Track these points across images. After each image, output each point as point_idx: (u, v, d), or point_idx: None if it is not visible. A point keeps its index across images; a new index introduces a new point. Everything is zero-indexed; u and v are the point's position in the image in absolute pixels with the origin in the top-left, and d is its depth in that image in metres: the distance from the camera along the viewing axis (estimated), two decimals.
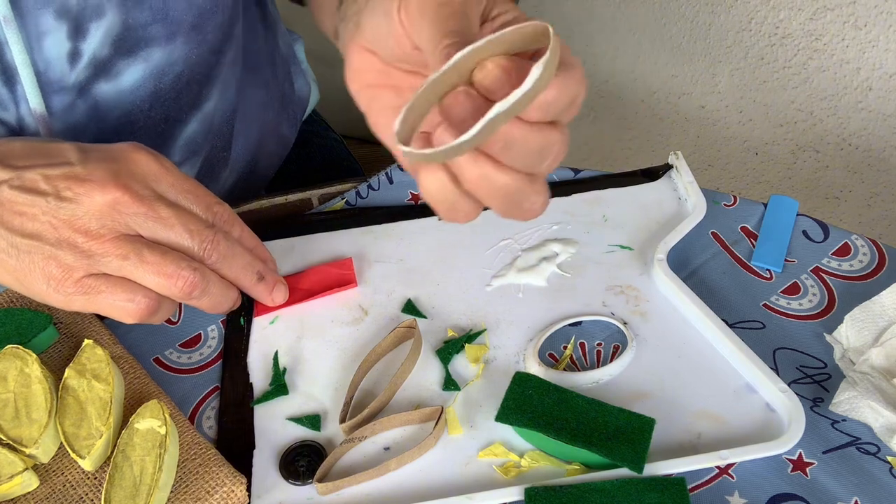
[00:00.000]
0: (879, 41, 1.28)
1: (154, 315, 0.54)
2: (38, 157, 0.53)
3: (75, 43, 0.61)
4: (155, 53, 0.65)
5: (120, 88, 0.65)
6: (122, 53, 0.64)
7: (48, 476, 0.52)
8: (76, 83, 0.63)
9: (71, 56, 0.62)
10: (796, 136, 1.43)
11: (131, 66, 0.65)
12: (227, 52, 0.72)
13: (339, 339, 0.60)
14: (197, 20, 0.66)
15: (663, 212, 0.66)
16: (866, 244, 0.64)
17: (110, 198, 0.51)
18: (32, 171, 0.52)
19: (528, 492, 0.50)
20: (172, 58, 0.66)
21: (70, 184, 0.51)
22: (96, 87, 0.64)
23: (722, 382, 0.56)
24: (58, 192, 0.51)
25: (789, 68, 1.36)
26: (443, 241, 0.66)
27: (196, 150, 0.74)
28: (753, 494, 0.51)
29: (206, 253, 0.53)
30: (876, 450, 0.53)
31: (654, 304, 0.60)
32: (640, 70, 1.46)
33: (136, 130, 0.68)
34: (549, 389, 0.54)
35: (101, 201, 0.51)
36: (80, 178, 0.51)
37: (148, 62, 0.65)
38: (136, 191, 0.51)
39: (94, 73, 0.63)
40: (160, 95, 0.68)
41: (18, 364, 0.54)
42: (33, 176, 0.52)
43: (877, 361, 0.55)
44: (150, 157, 0.53)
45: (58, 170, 0.52)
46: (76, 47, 0.61)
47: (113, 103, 0.66)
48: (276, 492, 0.53)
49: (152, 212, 0.51)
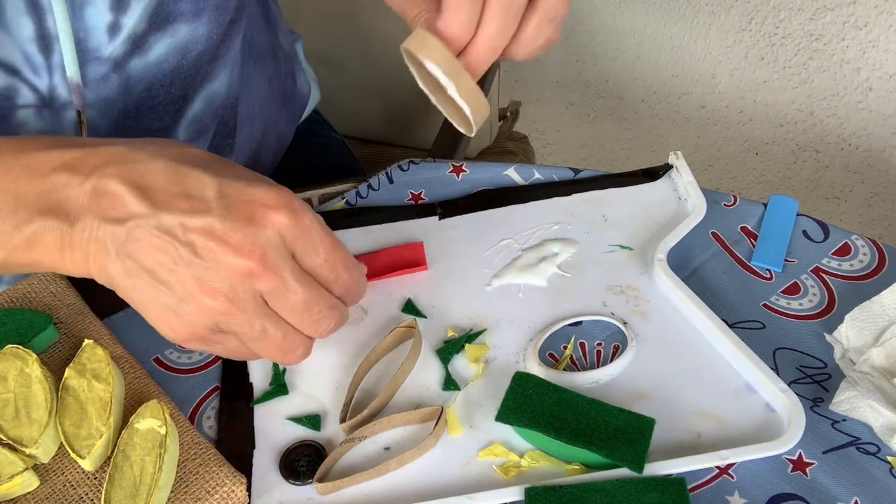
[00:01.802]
0: (880, 41, 1.28)
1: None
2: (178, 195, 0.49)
3: (116, 16, 0.62)
4: (181, 29, 0.66)
5: (147, 63, 0.66)
6: (154, 28, 0.65)
7: (48, 476, 0.52)
8: (113, 56, 0.64)
9: (111, 28, 0.63)
10: (796, 136, 1.43)
11: (160, 41, 0.66)
12: (235, 34, 0.73)
13: (339, 339, 0.60)
14: (221, 1, 0.68)
15: (663, 212, 0.66)
16: (866, 244, 0.64)
17: (246, 266, 0.48)
18: (172, 214, 0.49)
19: (528, 492, 0.50)
20: (196, 35, 0.67)
21: (207, 241, 0.48)
22: (131, 62, 0.65)
23: (722, 382, 0.56)
24: (194, 246, 0.48)
25: (789, 68, 1.36)
26: (443, 241, 0.66)
27: (202, 131, 0.75)
28: (753, 494, 0.51)
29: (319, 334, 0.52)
30: (876, 450, 0.53)
31: (654, 304, 0.60)
32: (640, 70, 1.46)
33: (156, 106, 0.69)
34: (549, 389, 0.54)
35: (237, 267, 0.48)
36: (217, 237, 0.48)
37: (174, 37, 0.66)
38: (272, 261, 0.49)
39: (131, 48, 0.65)
40: (181, 72, 0.69)
41: (18, 364, 0.54)
42: (172, 221, 0.48)
43: (877, 361, 0.55)
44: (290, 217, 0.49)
45: (197, 220, 0.48)
46: (117, 20, 0.62)
47: (140, 77, 0.67)
48: (276, 492, 0.53)
49: (282, 285, 0.49)
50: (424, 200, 0.69)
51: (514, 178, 0.70)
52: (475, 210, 0.68)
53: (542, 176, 0.70)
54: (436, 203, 0.69)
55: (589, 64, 1.49)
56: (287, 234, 0.49)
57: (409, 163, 0.72)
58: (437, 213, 0.68)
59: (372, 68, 1.09)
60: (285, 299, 0.49)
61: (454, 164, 0.71)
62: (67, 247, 0.50)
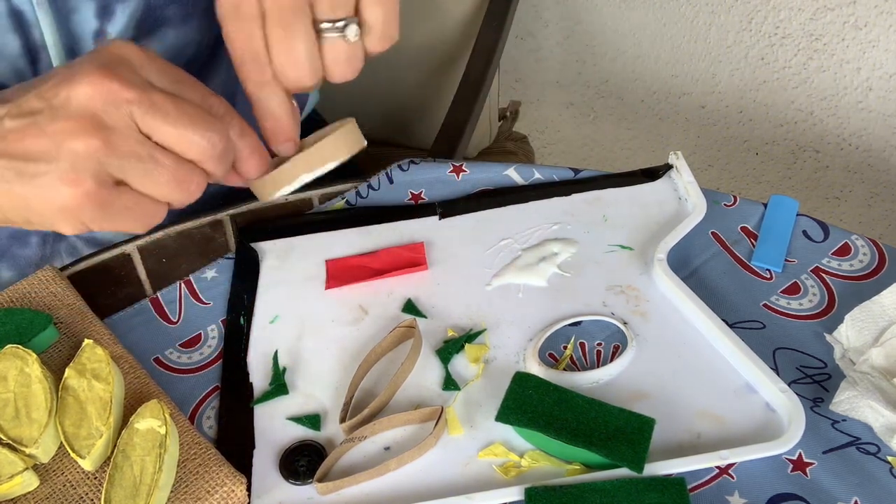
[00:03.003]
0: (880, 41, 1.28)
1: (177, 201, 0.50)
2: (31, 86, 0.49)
3: (102, 23, 0.62)
4: (169, 34, 0.66)
5: None
6: (142, 34, 0.64)
7: (48, 476, 0.52)
8: None
9: (96, 36, 0.62)
10: (796, 136, 1.43)
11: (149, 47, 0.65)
12: None
13: (339, 339, 0.60)
14: (209, 4, 0.67)
15: (663, 212, 0.66)
16: (866, 244, 0.64)
17: (101, 87, 0.46)
18: (26, 95, 0.48)
19: (528, 492, 0.50)
20: (186, 39, 0.67)
21: (59, 89, 0.47)
22: None
23: (722, 382, 0.56)
24: (49, 103, 0.47)
25: (789, 68, 1.36)
26: (443, 241, 0.66)
27: None
28: (753, 494, 0.51)
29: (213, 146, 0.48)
30: (876, 450, 0.53)
31: (654, 304, 0.60)
32: (640, 70, 1.46)
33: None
34: (549, 389, 0.54)
35: (93, 93, 0.46)
36: (66, 80, 0.47)
37: (162, 43, 0.66)
38: (126, 77, 0.47)
39: None
40: None
41: (18, 364, 0.54)
42: (28, 98, 0.48)
43: (877, 361, 0.55)
44: (133, 47, 0.48)
45: (48, 83, 0.47)
46: (102, 28, 0.62)
47: None
48: (276, 492, 0.53)
49: (147, 98, 0.46)
50: (424, 200, 0.69)
51: (514, 178, 0.70)
52: (475, 210, 0.68)
53: (542, 176, 0.70)
54: (436, 203, 0.69)
55: (589, 64, 1.49)
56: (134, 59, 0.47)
57: (409, 163, 0.72)
58: (437, 213, 0.68)
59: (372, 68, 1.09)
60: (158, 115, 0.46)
61: (454, 164, 0.71)
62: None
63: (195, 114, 0.47)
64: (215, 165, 0.48)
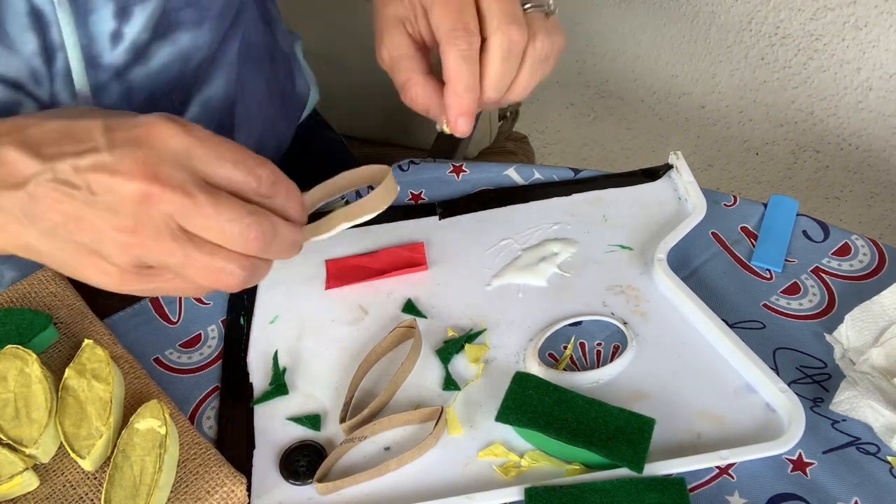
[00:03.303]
0: (880, 41, 1.28)
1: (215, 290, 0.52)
2: (68, 141, 0.49)
3: (119, 24, 0.62)
4: (182, 37, 0.66)
5: (149, 71, 0.66)
6: (156, 37, 0.65)
7: (48, 476, 0.52)
8: (113, 65, 0.64)
9: (113, 36, 0.62)
10: (796, 136, 1.43)
11: (161, 50, 0.66)
12: (232, 38, 0.73)
13: (339, 339, 0.60)
14: (224, 9, 0.68)
15: (663, 212, 0.66)
16: (866, 244, 0.64)
17: (141, 190, 0.47)
18: (63, 161, 0.48)
19: (528, 492, 0.50)
20: (198, 43, 0.67)
21: (99, 176, 0.47)
22: (133, 72, 0.65)
23: (722, 382, 0.56)
24: (89, 187, 0.48)
25: (789, 68, 1.36)
26: (443, 241, 0.66)
27: None
28: (753, 494, 0.51)
29: (249, 246, 0.49)
30: (876, 450, 0.53)
31: (654, 304, 0.60)
32: (640, 70, 1.46)
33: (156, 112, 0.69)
34: (549, 389, 0.54)
35: (133, 194, 0.47)
36: (108, 169, 0.47)
37: (175, 45, 0.66)
38: (168, 178, 0.47)
39: (133, 57, 0.65)
40: (183, 79, 0.69)
41: (18, 364, 0.54)
42: (64, 167, 0.48)
43: (877, 361, 0.55)
44: (177, 130, 0.48)
45: (87, 159, 0.48)
46: (119, 29, 0.62)
47: (142, 86, 0.67)
48: (276, 492, 0.53)
49: (188, 200, 0.47)
50: (424, 200, 0.69)
51: (514, 178, 0.70)
52: (475, 210, 0.68)
53: (542, 176, 0.70)
54: (436, 203, 0.69)
55: (589, 64, 1.49)
56: (179, 148, 0.48)
57: (409, 163, 0.72)
58: (437, 213, 0.68)
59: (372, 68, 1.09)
60: (198, 216, 0.47)
61: (454, 164, 0.71)
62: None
63: (235, 212, 0.48)
64: (255, 253, 0.50)
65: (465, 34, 0.55)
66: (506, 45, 0.55)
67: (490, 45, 0.55)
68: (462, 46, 0.55)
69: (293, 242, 0.52)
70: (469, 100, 0.56)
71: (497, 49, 0.55)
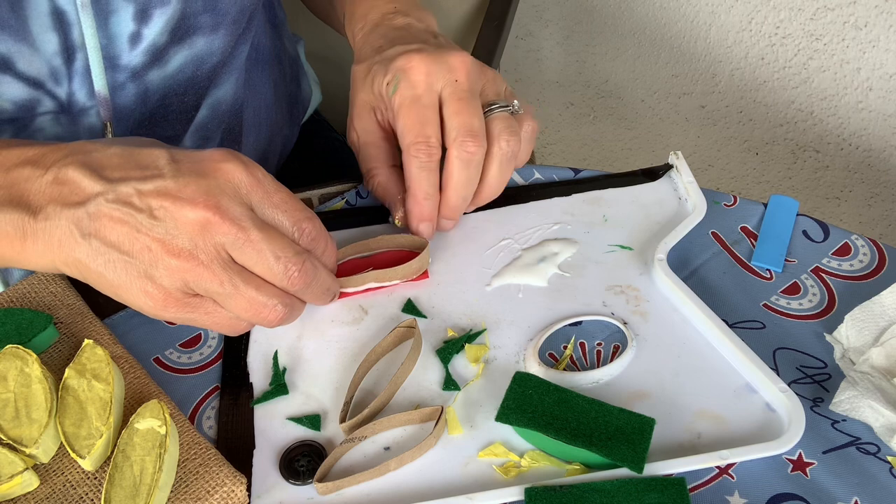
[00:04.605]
0: (880, 41, 1.28)
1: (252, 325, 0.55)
2: (132, 167, 0.51)
3: (138, 26, 0.63)
4: (199, 41, 0.67)
5: (165, 74, 0.67)
6: (174, 41, 0.65)
7: (48, 476, 0.52)
8: (130, 66, 0.65)
9: (132, 38, 0.63)
10: (796, 136, 1.43)
11: (178, 53, 0.66)
12: (242, 42, 0.73)
13: (339, 339, 0.60)
14: (238, 15, 0.68)
15: (663, 212, 0.66)
16: (866, 244, 0.64)
17: (202, 217, 0.49)
18: (126, 184, 0.50)
19: (528, 492, 0.50)
20: (213, 47, 0.68)
21: (162, 201, 0.50)
22: (149, 74, 0.66)
23: (722, 382, 0.56)
24: (151, 210, 0.50)
25: (789, 68, 1.36)
26: (443, 241, 0.66)
27: (208, 137, 0.75)
28: (753, 494, 0.51)
29: (291, 282, 0.52)
30: (876, 450, 0.53)
31: (654, 304, 0.61)
32: (640, 70, 1.46)
33: (169, 115, 0.70)
34: (549, 389, 0.54)
35: (193, 220, 0.49)
36: (171, 195, 0.50)
37: (191, 49, 0.67)
38: (227, 209, 0.50)
39: (151, 60, 0.65)
40: (196, 83, 0.69)
41: (18, 364, 0.54)
42: (127, 190, 0.50)
43: (877, 361, 0.55)
44: (241, 168, 0.51)
45: (150, 184, 0.50)
46: (138, 31, 0.63)
47: (157, 88, 0.67)
48: (276, 492, 0.53)
49: (242, 234, 0.50)
50: None
51: (514, 178, 0.70)
52: (475, 210, 0.68)
53: (542, 176, 0.70)
54: None
55: (589, 64, 1.49)
56: (240, 185, 0.51)
57: None
58: None
59: None
60: (249, 249, 0.50)
61: None
62: (31, 236, 0.51)
63: (283, 249, 0.51)
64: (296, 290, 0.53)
65: (426, 147, 0.59)
66: (464, 156, 0.59)
67: (449, 157, 0.60)
68: (423, 158, 0.60)
69: (328, 288, 0.56)
70: (429, 207, 0.61)
71: (455, 160, 0.60)
